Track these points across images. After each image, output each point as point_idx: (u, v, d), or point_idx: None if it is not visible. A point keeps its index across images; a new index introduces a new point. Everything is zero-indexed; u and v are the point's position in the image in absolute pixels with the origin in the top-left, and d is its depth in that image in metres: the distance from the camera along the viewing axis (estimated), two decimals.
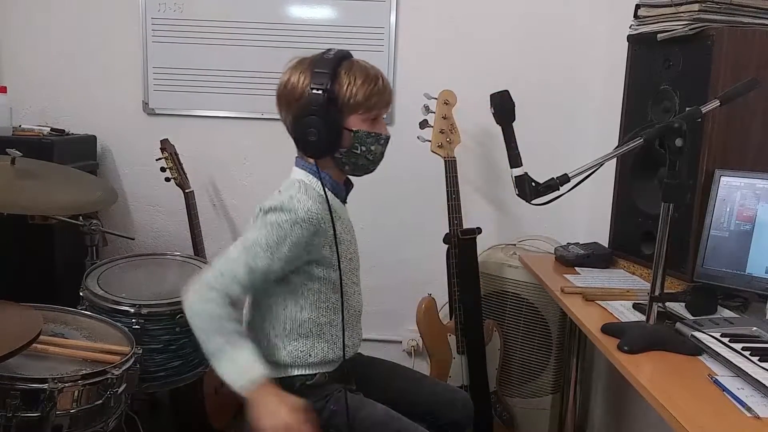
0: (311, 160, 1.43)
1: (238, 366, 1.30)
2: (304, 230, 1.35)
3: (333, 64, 1.37)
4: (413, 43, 2.53)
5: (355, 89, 1.38)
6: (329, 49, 1.41)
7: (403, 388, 1.61)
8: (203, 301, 1.33)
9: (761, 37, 1.55)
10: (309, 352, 1.44)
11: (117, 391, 1.54)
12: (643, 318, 1.36)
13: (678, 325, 1.36)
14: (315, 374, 1.46)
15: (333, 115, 1.36)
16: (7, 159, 1.81)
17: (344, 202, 1.53)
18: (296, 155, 1.48)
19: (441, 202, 2.22)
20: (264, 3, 2.52)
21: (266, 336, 1.45)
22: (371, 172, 1.48)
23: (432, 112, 2.24)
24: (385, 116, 1.48)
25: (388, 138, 1.46)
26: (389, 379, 1.64)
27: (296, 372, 1.45)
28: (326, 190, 1.40)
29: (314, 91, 1.34)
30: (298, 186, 1.40)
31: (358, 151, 1.41)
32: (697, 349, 1.27)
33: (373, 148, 1.42)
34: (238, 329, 1.34)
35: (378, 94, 1.40)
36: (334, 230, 1.40)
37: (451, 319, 2.29)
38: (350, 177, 1.53)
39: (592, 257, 1.94)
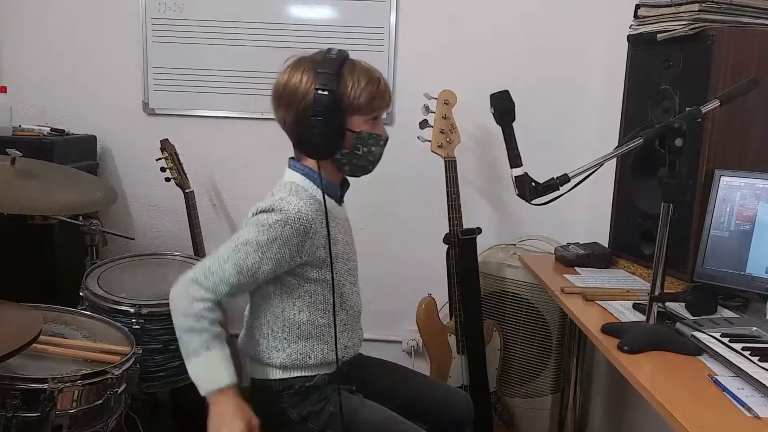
0: (308, 161, 1.43)
1: (208, 371, 1.30)
2: (295, 231, 1.34)
3: (336, 65, 1.36)
4: (413, 43, 2.53)
5: (359, 91, 1.37)
6: (329, 49, 1.40)
7: (403, 389, 1.62)
8: (188, 299, 1.32)
9: (761, 37, 1.55)
10: (309, 354, 1.44)
11: (117, 391, 1.54)
12: (643, 318, 1.36)
13: (678, 325, 1.36)
14: (314, 376, 1.46)
15: (337, 117, 1.36)
16: (7, 159, 1.81)
17: (339, 202, 1.53)
18: (290, 156, 1.48)
19: (441, 202, 2.22)
20: (264, 3, 2.52)
21: (266, 338, 1.45)
22: (369, 172, 1.48)
23: (432, 112, 2.24)
24: (384, 117, 1.49)
25: (387, 139, 1.46)
26: (389, 379, 1.64)
27: (296, 374, 1.45)
28: (322, 191, 1.40)
29: (319, 92, 1.33)
30: (289, 188, 1.40)
31: (360, 153, 1.41)
32: (697, 349, 1.27)
33: (374, 149, 1.43)
34: (218, 332, 1.32)
35: (380, 96, 1.41)
36: (328, 231, 1.39)
37: (451, 319, 2.28)
38: (347, 177, 1.52)
39: (592, 257, 1.94)
